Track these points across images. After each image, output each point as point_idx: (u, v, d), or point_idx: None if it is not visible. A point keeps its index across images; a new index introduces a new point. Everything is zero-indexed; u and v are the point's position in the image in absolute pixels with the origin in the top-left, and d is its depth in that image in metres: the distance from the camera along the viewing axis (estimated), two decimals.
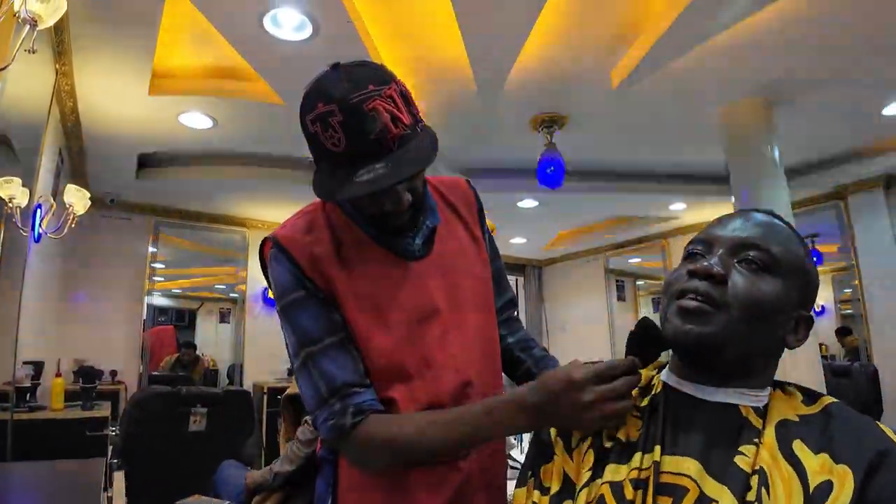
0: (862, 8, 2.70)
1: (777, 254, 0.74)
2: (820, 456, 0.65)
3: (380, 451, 0.88)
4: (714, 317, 0.71)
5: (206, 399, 3.22)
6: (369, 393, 0.90)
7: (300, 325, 0.91)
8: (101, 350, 4.88)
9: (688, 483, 0.68)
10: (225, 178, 4.61)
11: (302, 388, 0.92)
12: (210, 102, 3.44)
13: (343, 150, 0.82)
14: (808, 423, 0.70)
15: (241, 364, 5.78)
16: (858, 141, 4.49)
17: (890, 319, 4.83)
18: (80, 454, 2.56)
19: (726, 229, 0.77)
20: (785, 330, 0.75)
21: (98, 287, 5.11)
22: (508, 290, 1.20)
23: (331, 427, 0.88)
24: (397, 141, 0.83)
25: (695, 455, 0.70)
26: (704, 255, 0.77)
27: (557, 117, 3.82)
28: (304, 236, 0.95)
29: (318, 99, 0.82)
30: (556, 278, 8.16)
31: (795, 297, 0.75)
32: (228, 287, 6.41)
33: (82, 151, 3.98)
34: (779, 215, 0.81)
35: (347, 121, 0.81)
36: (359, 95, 0.81)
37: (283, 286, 0.93)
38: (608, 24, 2.90)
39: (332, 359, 0.90)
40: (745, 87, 3.48)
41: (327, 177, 0.86)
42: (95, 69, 3.00)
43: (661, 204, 5.64)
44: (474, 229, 1.11)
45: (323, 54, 2.87)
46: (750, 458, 0.67)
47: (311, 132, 0.84)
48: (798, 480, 0.64)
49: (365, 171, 0.82)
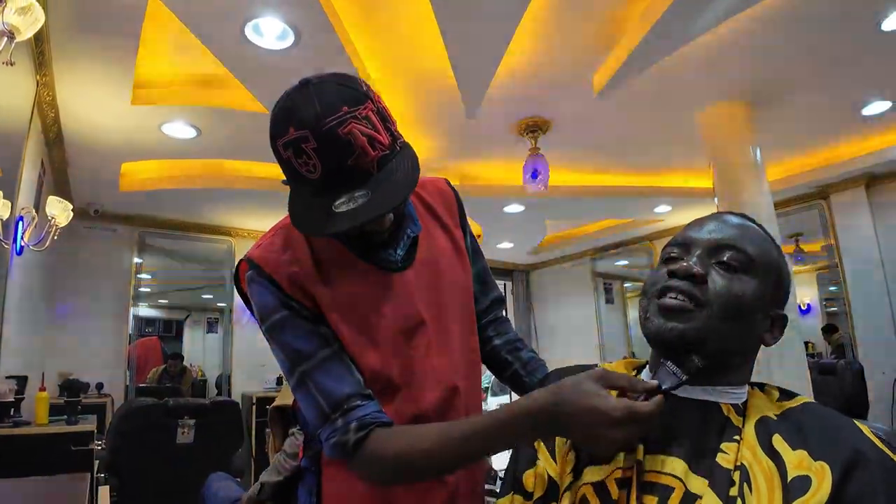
0: (839, 9, 2.74)
1: (752, 254, 0.76)
2: (798, 452, 0.67)
3: (391, 468, 0.83)
4: (695, 314, 0.73)
5: (193, 410, 3.19)
6: (372, 405, 0.87)
7: (289, 344, 0.88)
8: (87, 363, 4.82)
9: (673, 482, 0.69)
10: (210, 187, 4.59)
11: (303, 406, 0.89)
12: (193, 112, 3.42)
13: (319, 177, 0.78)
14: (786, 421, 0.72)
15: (229, 374, 5.73)
16: (839, 141, 4.56)
17: (873, 317, 4.89)
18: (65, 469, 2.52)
19: (702, 232, 0.80)
20: (762, 328, 0.78)
21: (83, 299, 5.05)
22: (494, 289, 1.18)
23: (334, 445, 0.84)
24: (376, 163, 0.80)
25: (680, 454, 0.71)
26: (682, 258, 0.79)
27: (541, 122, 3.84)
28: (281, 255, 0.91)
29: (289, 123, 0.78)
30: (544, 282, 8.18)
31: (770, 296, 0.78)
32: (216, 296, 6.37)
33: (64, 162, 3.94)
34: (751, 218, 0.83)
35: (322, 147, 0.76)
36: (333, 119, 0.76)
37: (266, 307, 0.90)
38: (589, 30, 2.92)
39: (328, 372, 0.87)
40: (726, 90, 3.52)
41: (305, 207, 0.83)
42: (77, 80, 2.98)
43: (646, 206, 5.68)
44: (455, 231, 1.09)
45: (305, 63, 2.88)
46: (731, 455, 0.69)
47: (283, 157, 0.80)
48: (777, 473, 0.66)
49: (345, 198, 0.79)
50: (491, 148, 4.31)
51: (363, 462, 0.83)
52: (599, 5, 2.75)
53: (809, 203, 5.40)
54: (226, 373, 5.77)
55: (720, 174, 3.72)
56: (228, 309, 5.89)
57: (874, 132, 4.36)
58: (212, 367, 6.15)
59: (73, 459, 2.78)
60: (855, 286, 5.06)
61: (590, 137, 4.19)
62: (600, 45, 3.04)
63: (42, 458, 2.77)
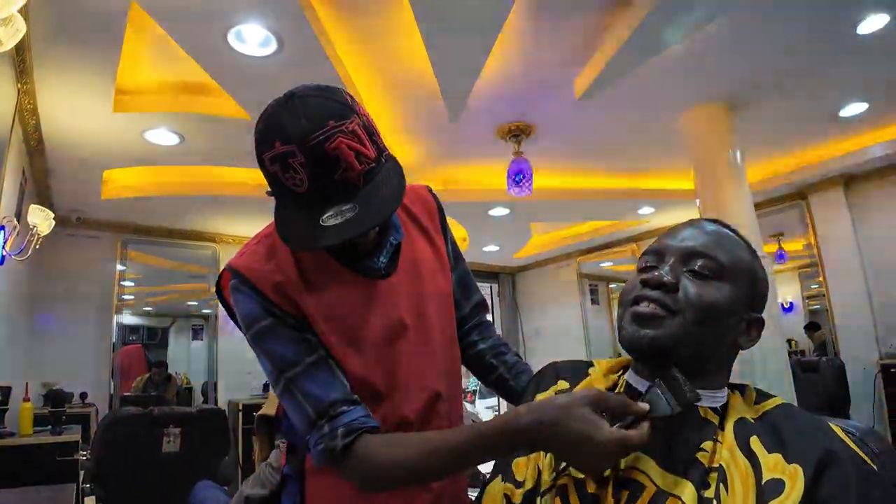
0: (817, 13, 2.79)
1: (724, 261, 0.78)
2: (773, 455, 0.68)
3: (377, 476, 0.83)
4: (666, 321, 0.75)
5: (179, 419, 3.16)
6: (359, 409, 0.87)
7: (275, 352, 0.88)
8: (71, 372, 4.76)
9: (643, 479, 0.71)
10: (193, 194, 4.56)
11: (290, 413, 0.88)
12: (176, 119, 3.40)
13: (306, 191, 0.79)
14: (763, 423, 0.73)
15: (215, 382, 5.69)
16: (817, 143, 4.63)
17: (853, 314, 4.97)
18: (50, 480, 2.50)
19: (675, 240, 0.83)
20: (736, 332, 0.80)
21: (66, 307, 4.99)
22: (476, 293, 1.19)
23: (322, 451, 0.84)
24: (362, 177, 0.80)
25: (654, 453, 0.73)
26: (657, 266, 0.81)
27: (525, 126, 3.87)
28: (265, 264, 0.91)
29: (275, 137, 0.78)
30: (529, 285, 8.20)
31: (744, 300, 0.80)
32: (201, 303, 6.31)
33: (46, 170, 3.90)
34: (726, 224, 0.86)
35: (309, 162, 0.77)
36: (320, 134, 0.77)
37: (250, 316, 0.89)
38: (571, 35, 2.94)
39: (314, 378, 0.87)
40: (707, 93, 3.56)
41: (292, 220, 0.83)
42: (58, 87, 2.95)
43: (629, 208, 5.73)
44: (436, 238, 1.09)
45: (288, 70, 2.88)
46: (709, 454, 0.70)
47: (270, 171, 0.80)
48: (753, 474, 0.67)
49: (332, 212, 0.79)
50: (475, 152, 4.32)
51: (351, 468, 0.83)
52: (580, 11, 2.77)
53: (790, 203, 5.48)
54: (211, 380, 5.73)
55: (701, 176, 3.77)
56: (214, 316, 5.85)
57: (852, 133, 4.44)
58: (197, 375, 6.09)
59: (58, 470, 2.75)
60: (835, 284, 5.14)
61: (573, 141, 4.22)
62: (582, 49, 3.07)
63: (27, 468, 2.74)
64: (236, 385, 5.65)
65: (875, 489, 0.64)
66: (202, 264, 6.00)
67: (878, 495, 0.63)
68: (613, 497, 0.71)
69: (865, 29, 2.94)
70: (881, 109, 4.02)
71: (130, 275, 5.63)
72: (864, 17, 2.85)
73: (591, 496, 0.73)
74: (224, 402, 5.49)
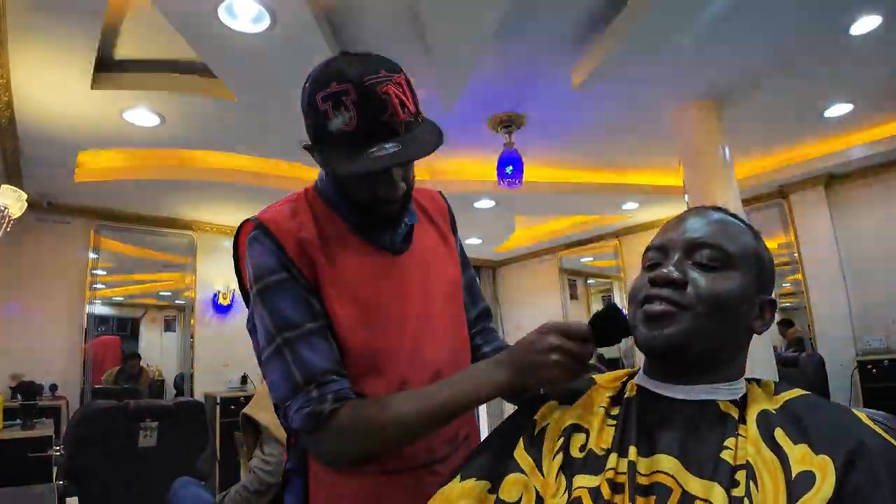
0: (809, 12, 2.80)
1: (729, 249, 0.78)
2: (800, 447, 0.66)
3: (356, 434, 0.86)
4: (679, 317, 0.74)
5: (156, 412, 3.04)
6: (346, 382, 0.89)
7: (279, 308, 0.89)
8: (39, 363, 4.57)
9: (667, 481, 0.68)
10: (172, 178, 4.41)
11: (272, 375, 0.89)
12: (157, 98, 3.26)
13: (353, 129, 0.84)
14: (786, 414, 0.71)
15: (191, 374, 5.54)
16: (801, 142, 4.69)
17: (831, 311, 5.07)
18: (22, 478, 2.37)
19: (678, 232, 0.81)
20: (750, 318, 0.79)
21: (34, 296, 4.79)
22: (482, 301, 1.22)
23: (307, 415, 0.85)
24: (404, 126, 0.86)
25: (673, 453, 0.70)
26: (661, 262, 0.80)
27: (516, 117, 3.83)
28: (289, 221, 0.94)
29: (332, 78, 0.84)
30: (511, 278, 8.20)
31: (754, 284, 0.79)
32: (174, 293, 6.14)
33: (17, 150, 3.71)
34: (726, 209, 0.85)
35: (361, 101, 0.83)
36: (373, 78, 0.83)
37: (264, 268, 0.91)
38: (567, 27, 2.91)
39: (311, 345, 0.88)
40: (697, 90, 3.57)
41: (336, 158, 0.86)
42: (33, 61, 2.79)
43: (614, 203, 5.74)
44: (448, 236, 1.15)
45: (280, 49, 2.78)
46: (733, 451, 0.68)
47: (320, 110, 0.85)
48: (781, 468, 0.65)
49: (376, 148, 0.84)
50: (465, 142, 4.27)
51: (334, 431, 0.85)
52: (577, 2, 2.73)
53: (770, 202, 5.56)
54: (186, 373, 5.58)
55: (690, 172, 3.78)
56: (189, 307, 5.69)
57: (835, 133, 4.52)
58: (169, 367, 5.94)
59: (30, 467, 2.61)
60: (813, 282, 5.24)
61: (562, 134, 4.21)
62: (578, 41, 3.04)
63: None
64: (213, 377, 5.51)
65: None
66: (178, 253, 5.83)
67: None
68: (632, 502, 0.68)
69: (858, 30, 2.97)
70: (866, 111, 4.09)
71: (103, 263, 5.44)
72: (856, 18, 2.88)
73: (607, 503, 0.69)
74: (200, 395, 5.35)
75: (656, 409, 0.77)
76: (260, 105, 3.38)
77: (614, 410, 0.81)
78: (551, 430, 0.82)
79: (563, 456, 0.77)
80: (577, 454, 0.77)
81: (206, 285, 5.71)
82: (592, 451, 0.76)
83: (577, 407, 0.84)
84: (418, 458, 0.94)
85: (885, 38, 3.05)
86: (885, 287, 4.80)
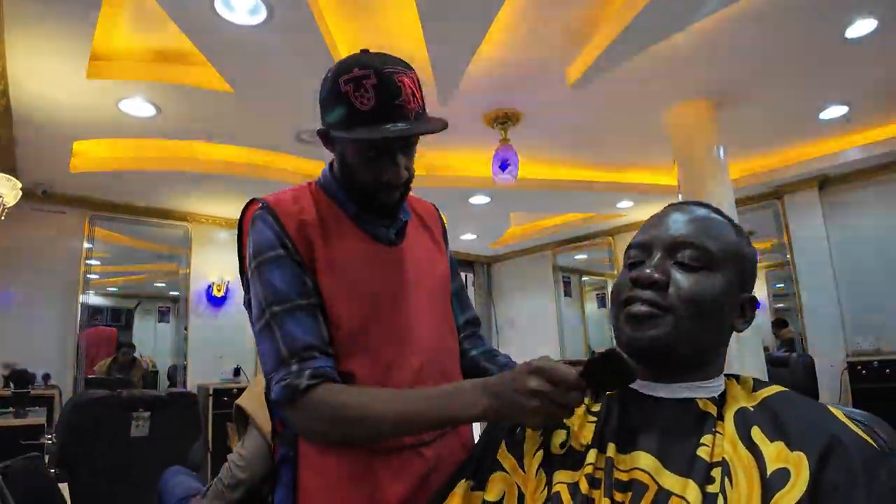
0: (806, 15, 2.82)
1: (712, 248, 0.77)
2: (776, 444, 0.67)
3: (329, 417, 0.89)
4: (661, 320, 0.74)
5: (148, 402, 3.04)
6: (329, 361, 0.93)
7: (272, 283, 0.94)
8: (32, 352, 4.56)
9: (644, 478, 0.69)
10: (167, 169, 4.39)
11: (262, 348, 0.94)
12: (154, 88, 3.25)
13: (370, 109, 0.91)
14: (763, 411, 0.72)
15: (184, 365, 5.54)
16: (796, 143, 4.71)
17: (822, 313, 5.10)
18: None
19: (661, 230, 0.81)
20: (732, 317, 0.79)
21: (27, 285, 4.77)
22: (471, 309, 1.26)
23: (284, 387, 0.88)
24: (414, 113, 0.94)
25: (652, 450, 0.71)
26: (644, 261, 0.80)
27: (512, 113, 3.83)
28: (293, 205, 1.01)
29: (355, 65, 0.93)
30: (504, 275, 8.21)
31: (736, 283, 0.79)
32: (168, 285, 6.14)
33: (12, 139, 3.69)
34: (709, 204, 0.84)
35: (380, 85, 0.91)
36: (391, 68, 0.93)
37: (263, 243, 0.96)
38: (565, 23, 2.91)
39: (298, 321, 0.92)
40: (693, 89, 3.58)
41: (352, 132, 0.93)
42: (30, 49, 2.77)
43: (609, 201, 5.76)
44: (440, 242, 1.20)
45: (276, 40, 2.78)
46: (710, 448, 0.69)
47: (342, 90, 0.92)
48: (756, 467, 0.66)
49: (391, 126, 0.92)
50: (460, 138, 4.27)
51: (307, 407, 0.88)
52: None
53: (764, 202, 5.58)
54: (180, 364, 5.57)
55: (685, 171, 3.80)
56: (183, 298, 5.68)
57: (830, 135, 4.53)
58: (163, 358, 5.94)
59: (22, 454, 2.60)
60: (805, 284, 5.26)
61: (558, 131, 4.21)
62: (576, 38, 3.04)
63: None
64: (206, 369, 5.50)
65: (881, 469, 0.63)
66: (173, 244, 5.81)
67: (884, 477, 0.62)
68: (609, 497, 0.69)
69: (853, 33, 2.99)
70: (861, 113, 4.11)
71: (97, 253, 5.42)
72: (852, 21, 2.90)
73: (585, 497, 0.70)
74: (193, 386, 5.35)
75: (636, 407, 0.77)
76: (256, 97, 3.38)
77: (595, 407, 0.82)
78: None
79: (543, 453, 0.79)
80: (557, 451, 0.79)
81: (201, 277, 5.70)
82: (572, 447, 0.77)
83: None
84: (406, 439, 0.96)
85: (881, 42, 3.06)
86: (877, 289, 4.83)
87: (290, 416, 0.93)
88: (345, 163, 1.02)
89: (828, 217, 5.18)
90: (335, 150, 1.03)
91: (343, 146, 1.00)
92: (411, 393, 0.90)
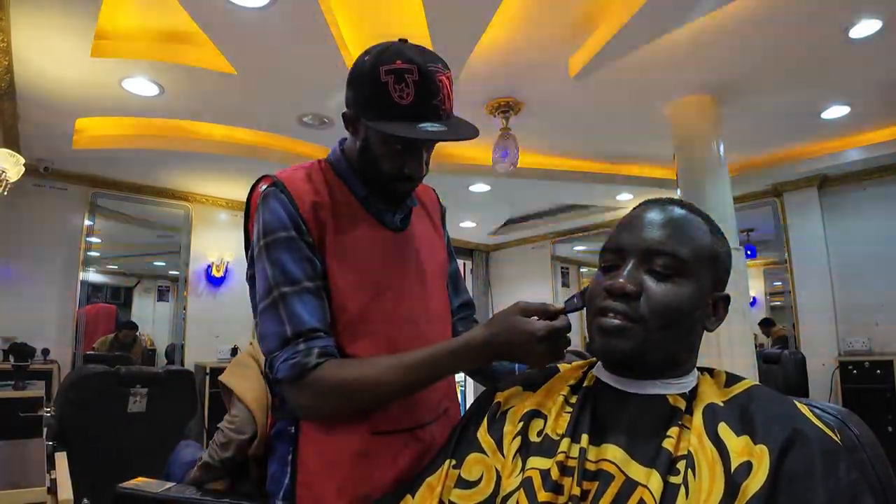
0: (810, 13, 2.81)
1: (683, 255, 0.78)
2: (742, 438, 0.69)
3: (336, 393, 0.92)
4: (633, 331, 0.76)
5: (145, 379, 3.09)
6: (332, 341, 0.95)
7: (281, 263, 0.95)
8: (32, 327, 4.59)
9: (611, 469, 0.72)
10: (170, 149, 4.40)
11: (265, 327, 0.95)
12: (157, 68, 3.25)
13: (408, 104, 0.93)
14: (732, 407, 0.74)
15: (182, 344, 5.58)
16: (797, 142, 4.71)
17: (816, 312, 5.13)
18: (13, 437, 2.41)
19: (634, 235, 0.81)
20: (703, 318, 0.81)
21: (29, 261, 4.80)
22: (465, 293, 1.30)
23: (292, 365, 0.90)
24: (447, 113, 0.97)
25: (620, 443, 0.74)
26: (618, 266, 0.80)
27: (514, 102, 3.83)
28: (305, 183, 1.01)
29: (398, 57, 0.93)
30: (503, 263, 8.22)
31: (708, 285, 0.80)
32: (168, 264, 6.16)
33: (15, 115, 3.70)
34: (681, 201, 0.85)
35: (421, 81, 0.92)
36: (434, 67, 0.94)
37: (274, 222, 0.96)
38: (568, 13, 2.91)
39: (305, 303, 0.94)
40: (696, 84, 3.58)
41: (386, 124, 0.94)
42: (35, 26, 2.78)
43: (608, 193, 5.76)
44: (439, 227, 1.24)
45: (280, 24, 2.79)
46: (675, 440, 0.71)
47: (381, 81, 0.93)
48: (721, 462, 0.67)
49: (426, 125, 0.93)
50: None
51: (314, 385, 0.91)
52: None
53: (764, 200, 5.59)
54: (178, 343, 5.62)
55: (684, 166, 3.80)
56: (182, 277, 5.71)
57: (831, 135, 4.53)
58: (161, 337, 5.98)
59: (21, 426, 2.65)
60: (801, 282, 5.28)
61: (560, 121, 4.21)
62: (579, 28, 3.04)
63: None
64: (204, 348, 5.55)
65: (840, 463, 0.65)
66: (173, 223, 5.82)
67: (843, 470, 0.64)
68: (579, 486, 0.72)
69: (857, 33, 2.98)
70: (863, 113, 4.10)
71: (98, 230, 5.45)
72: (856, 21, 2.89)
73: (555, 483, 0.73)
74: (190, 365, 5.39)
75: (610, 401, 0.80)
76: (259, 79, 3.38)
77: (573, 398, 0.84)
78: (513, 413, 0.87)
79: (521, 439, 0.82)
80: (534, 438, 0.82)
81: (201, 257, 5.72)
82: (548, 435, 0.80)
83: (539, 393, 0.88)
84: (404, 422, 1.00)
85: (885, 43, 3.06)
86: (871, 290, 4.86)
87: (293, 394, 0.94)
88: (367, 149, 1.02)
89: (826, 216, 5.19)
90: (358, 134, 1.03)
91: (369, 133, 1.00)
92: (409, 359, 0.93)
